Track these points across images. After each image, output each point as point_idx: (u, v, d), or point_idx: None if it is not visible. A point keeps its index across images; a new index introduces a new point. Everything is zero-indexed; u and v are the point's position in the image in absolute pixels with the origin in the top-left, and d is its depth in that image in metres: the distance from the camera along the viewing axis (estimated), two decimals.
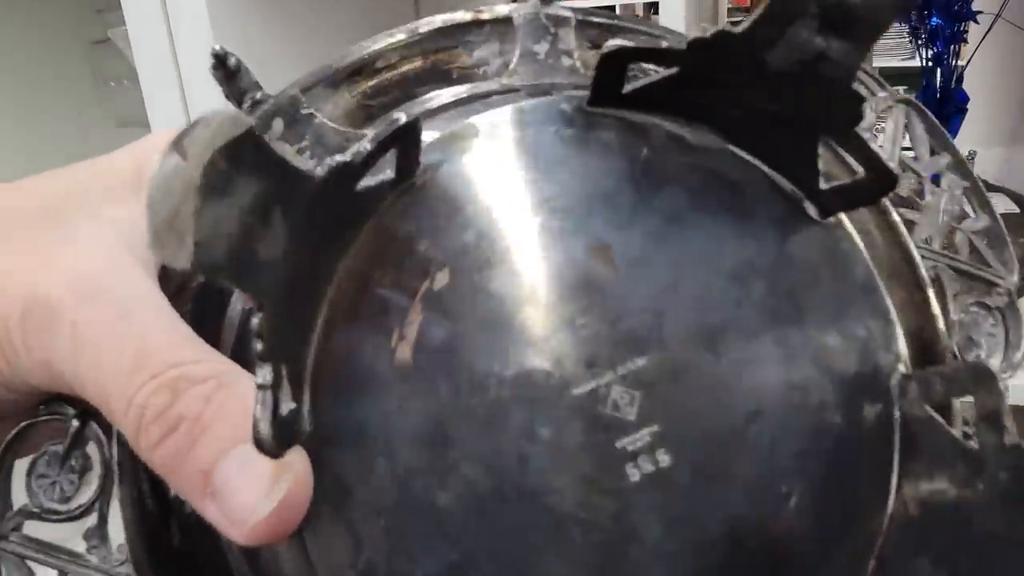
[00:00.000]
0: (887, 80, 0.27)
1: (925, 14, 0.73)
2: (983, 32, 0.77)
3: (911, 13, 0.73)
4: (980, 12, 0.76)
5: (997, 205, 0.27)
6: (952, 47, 0.74)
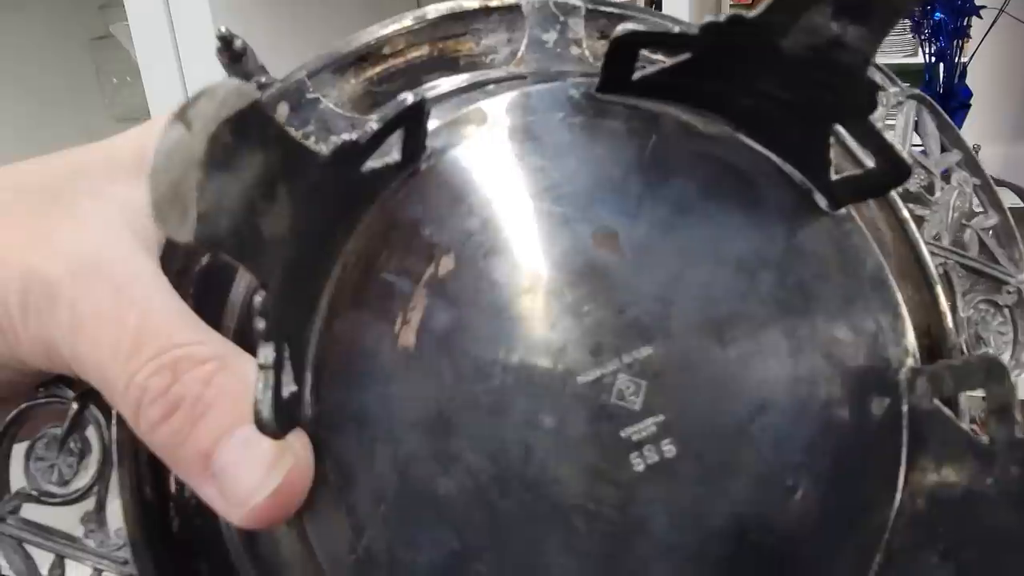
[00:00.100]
0: None
1: (928, 9, 0.72)
2: (986, 27, 0.76)
3: (914, 9, 0.73)
4: (983, 7, 0.75)
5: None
6: (955, 42, 0.73)
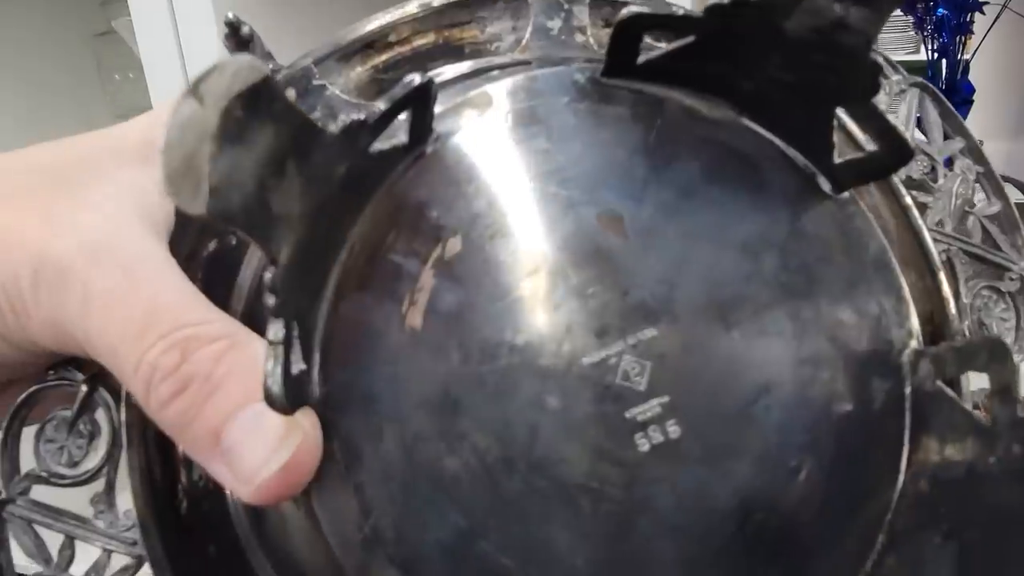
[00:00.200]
0: None
1: (931, 5, 0.72)
2: (989, 23, 0.76)
3: (916, 4, 0.72)
4: (986, 3, 0.75)
5: None
6: (958, 39, 0.73)
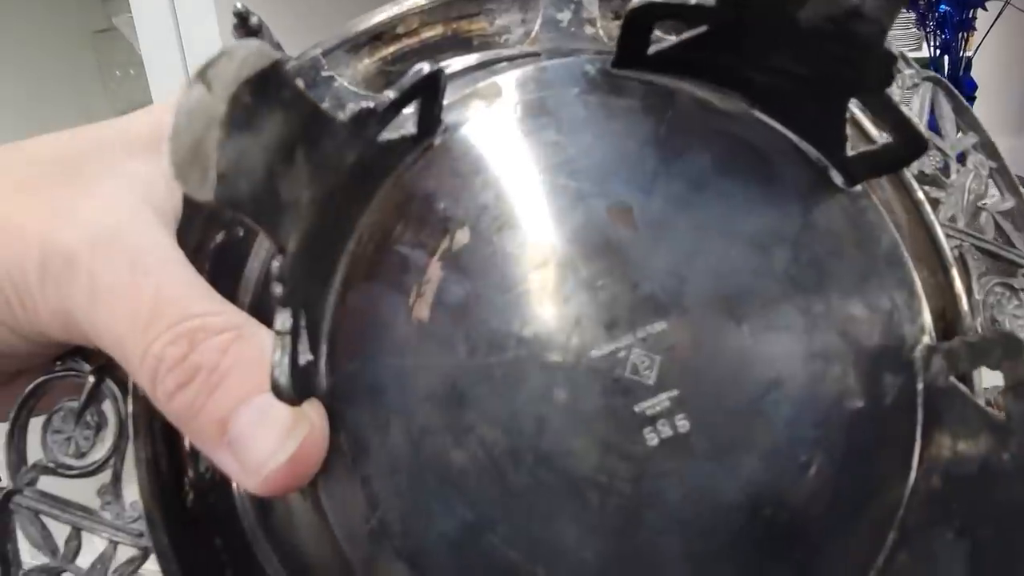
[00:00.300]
0: None
1: (933, 1, 0.71)
2: (992, 20, 0.75)
3: (919, 1, 0.72)
4: None
5: None
6: (960, 35, 0.72)
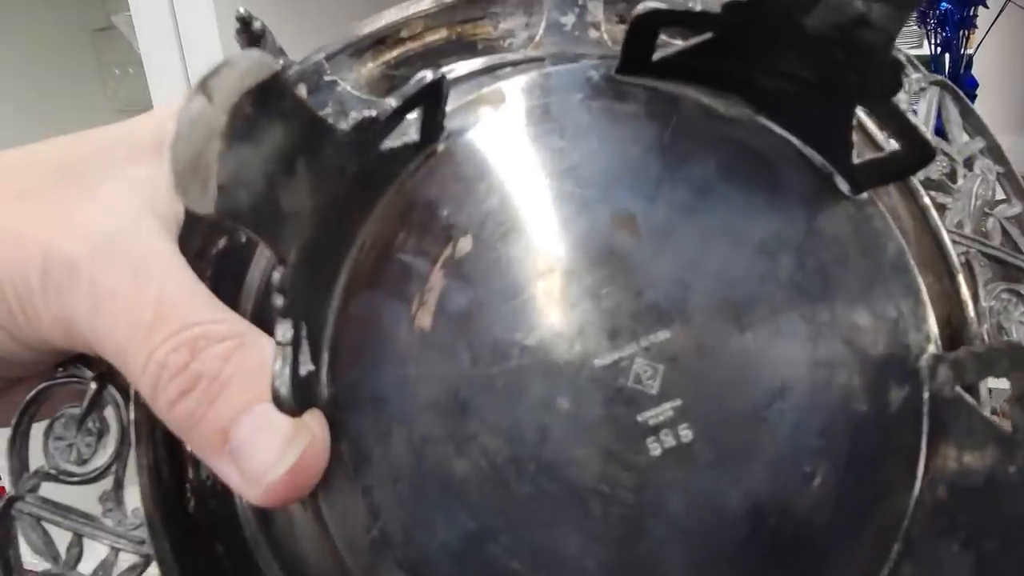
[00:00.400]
0: None
1: None
2: (993, 17, 0.75)
3: None
4: None
5: None
6: (961, 33, 0.72)
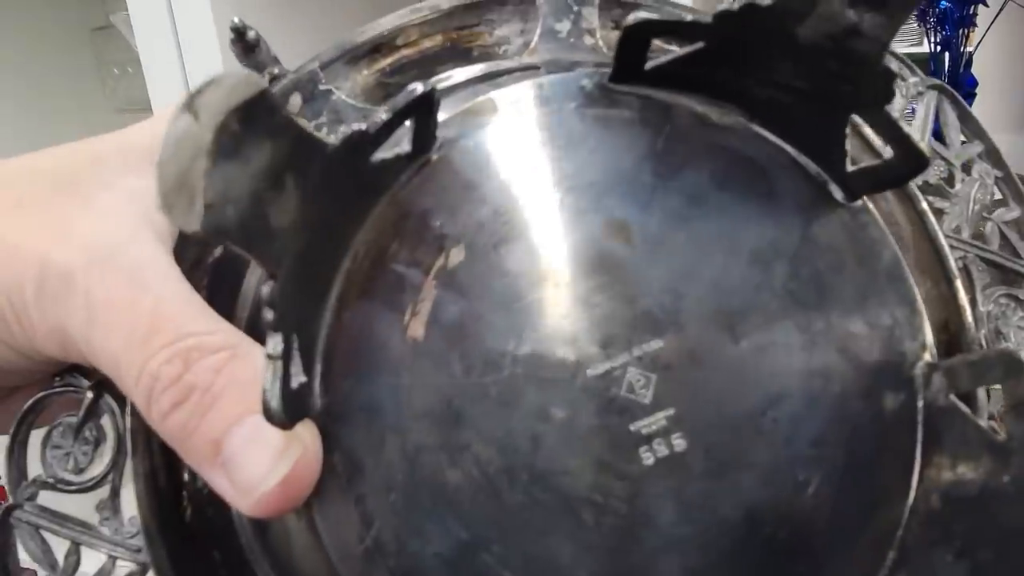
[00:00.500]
0: None
1: None
2: (992, 16, 0.75)
3: None
4: None
5: None
6: (961, 31, 0.72)
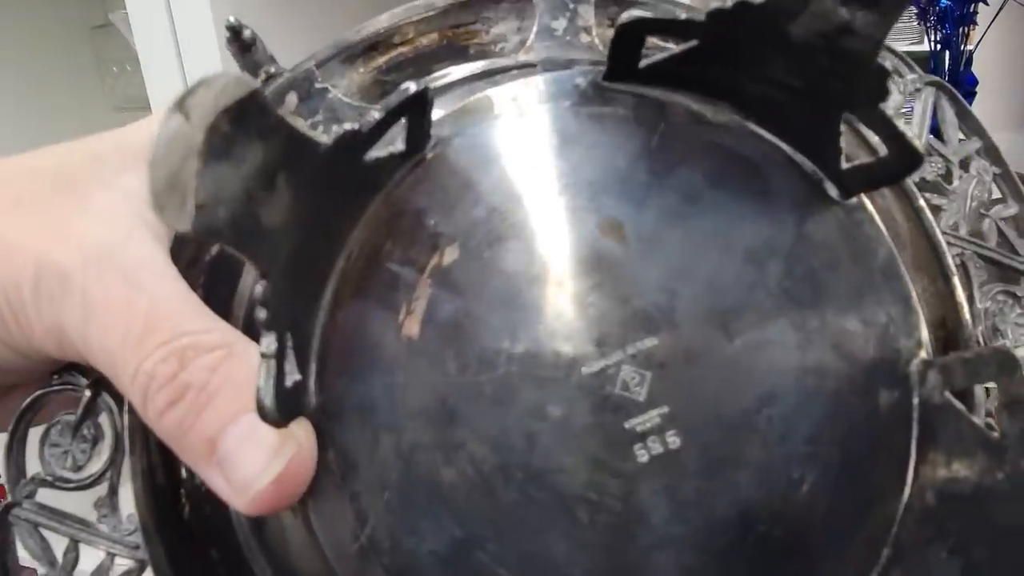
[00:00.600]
0: None
1: None
2: (993, 14, 0.74)
3: None
4: None
5: None
6: (961, 29, 0.71)
